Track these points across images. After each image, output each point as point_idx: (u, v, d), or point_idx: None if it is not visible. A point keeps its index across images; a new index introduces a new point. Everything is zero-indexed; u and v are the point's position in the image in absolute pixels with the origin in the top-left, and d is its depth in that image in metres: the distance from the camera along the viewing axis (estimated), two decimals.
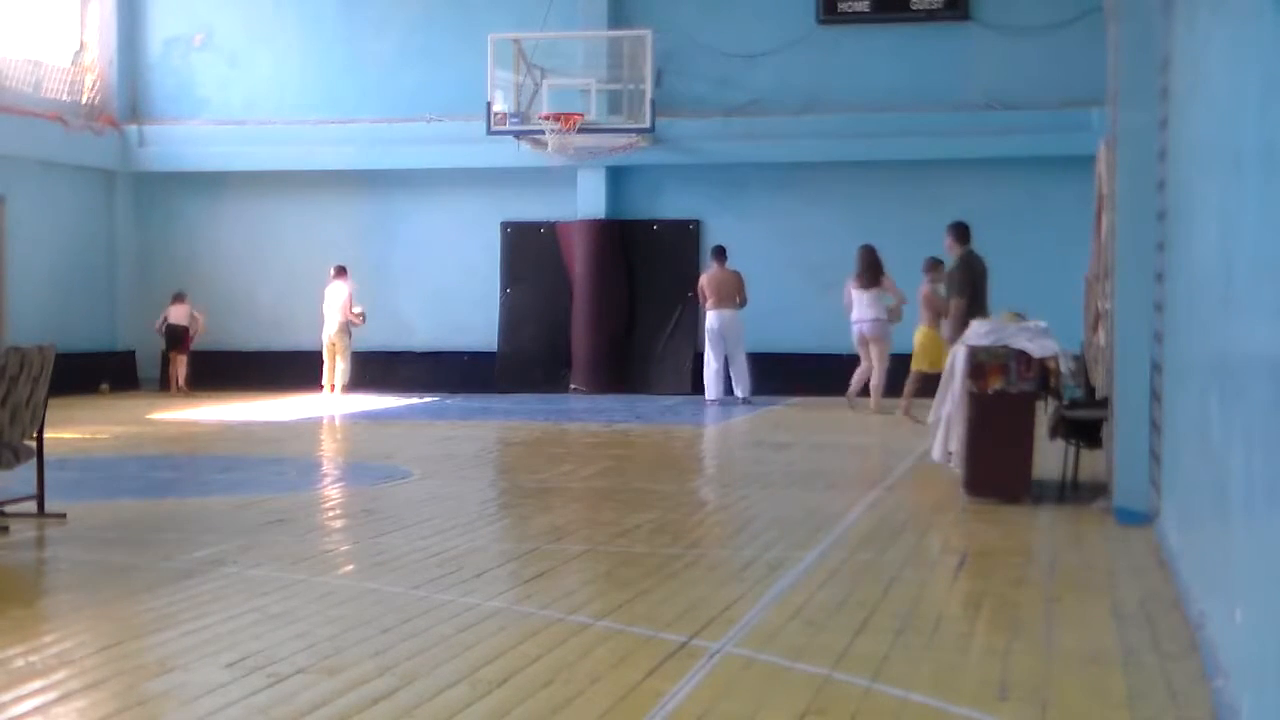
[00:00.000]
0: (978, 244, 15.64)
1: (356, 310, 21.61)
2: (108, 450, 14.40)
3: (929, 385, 16.49)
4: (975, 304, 14.85)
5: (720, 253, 20.20)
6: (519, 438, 16.00)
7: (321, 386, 21.73)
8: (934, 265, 16.86)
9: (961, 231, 15.43)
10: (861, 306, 18.19)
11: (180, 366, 22.41)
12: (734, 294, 19.88)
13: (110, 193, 23.86)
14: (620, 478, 12.12)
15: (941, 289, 16.77)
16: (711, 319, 19.98)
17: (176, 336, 22.48)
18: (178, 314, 22.48)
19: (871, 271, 18.23)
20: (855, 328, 18.26)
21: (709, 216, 22.45)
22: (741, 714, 5.05)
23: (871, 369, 18.23)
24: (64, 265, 22.77)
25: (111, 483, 11.99)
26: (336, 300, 21.62)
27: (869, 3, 21.89)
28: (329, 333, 21.62)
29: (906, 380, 16.89)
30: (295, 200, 23.65)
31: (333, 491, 11.84)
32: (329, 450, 15.36)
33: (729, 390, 20.15)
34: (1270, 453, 4.26)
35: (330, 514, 10.30)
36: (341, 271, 21.78)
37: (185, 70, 23.98)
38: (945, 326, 16.96)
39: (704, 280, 20.26)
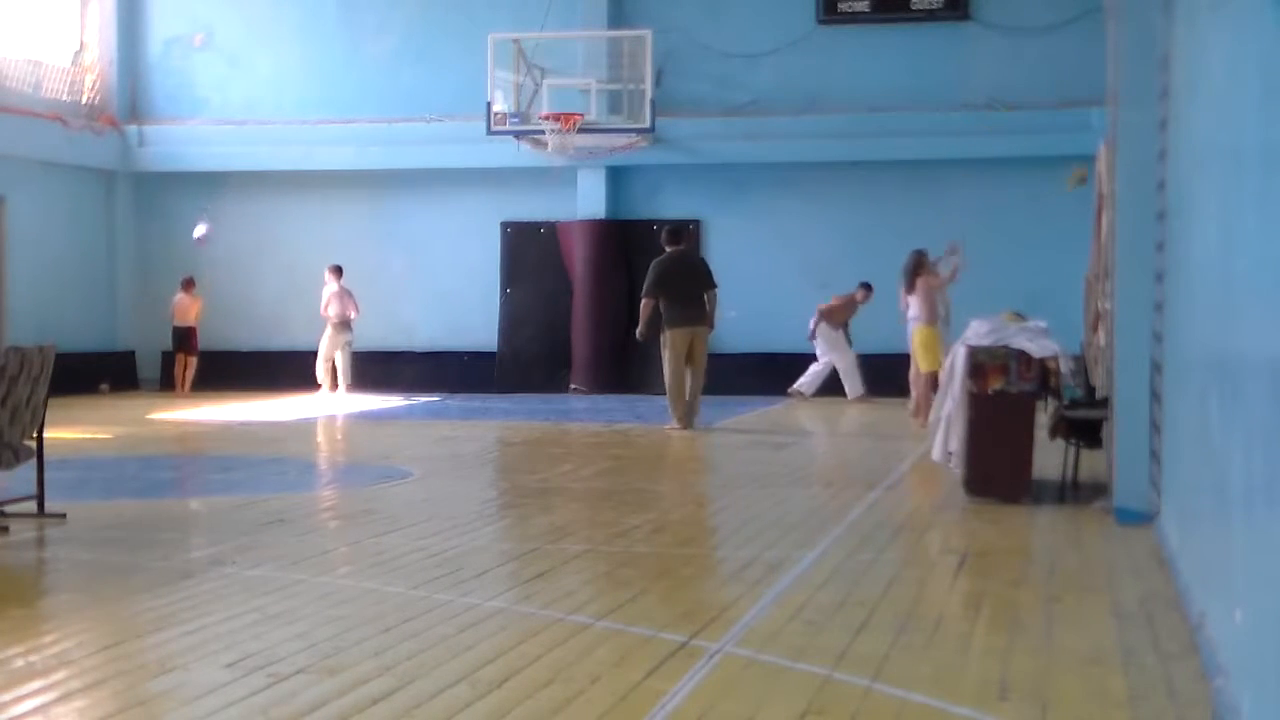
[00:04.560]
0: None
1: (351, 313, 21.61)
2: (108, 450, 14.40)
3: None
4: (675, 304, 15.48)
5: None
6: (519, 438, 15.99)
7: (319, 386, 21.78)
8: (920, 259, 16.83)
9: (668, 234, 16.25)
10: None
11: (189, 369, 22.24)
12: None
13: (110, 193, 23.86)
14: (620, 478, 12.12)
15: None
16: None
17: (183, 339, 22.40)
18: (183, 312, 22.40)
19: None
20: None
21: (709, 216, 22.45)
22: (741, 714, 5.05)
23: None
24: (64, 265, 22.76)
25: (111, 483, 11.99)
26: (327, 295, 21.64)
27: (869, 3, 21.91)
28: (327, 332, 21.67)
29: (916, 381, 16.87)
30: (295, 200, 23.66)
31: (333, 491, 11.84)
32: (329, 450, 15.36)
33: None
34: (1270, 453, 4.26)
35: (330, 514, 10.30)
36: (335, 271, 21.73)
37: (185, 70, 23.99)
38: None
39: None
